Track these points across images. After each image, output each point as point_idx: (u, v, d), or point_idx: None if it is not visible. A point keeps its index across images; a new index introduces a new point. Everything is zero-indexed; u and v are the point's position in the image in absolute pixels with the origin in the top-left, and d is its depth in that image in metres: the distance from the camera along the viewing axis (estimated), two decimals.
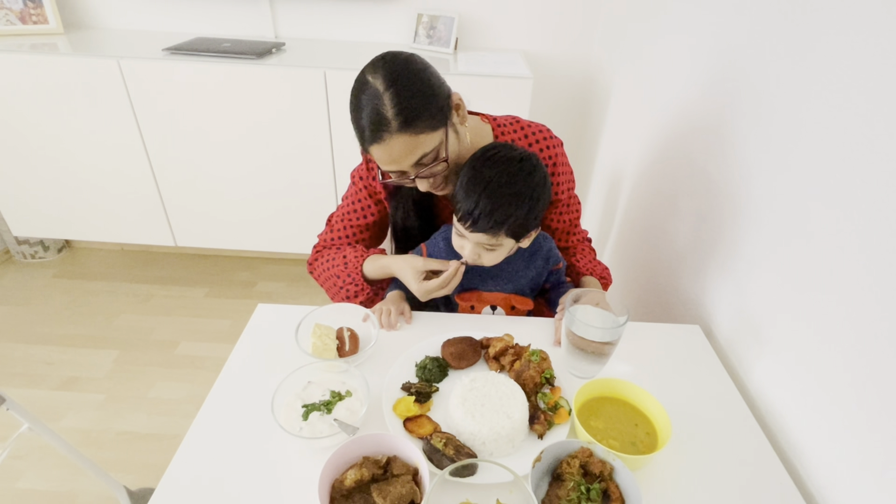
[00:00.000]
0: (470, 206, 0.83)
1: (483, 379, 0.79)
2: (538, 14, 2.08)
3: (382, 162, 0.83)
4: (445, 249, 0.98)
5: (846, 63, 0.71)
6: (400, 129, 0.78)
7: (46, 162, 2.00)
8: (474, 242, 0.87)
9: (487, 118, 1.02)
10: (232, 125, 1.91)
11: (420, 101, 0.79)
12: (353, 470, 0.64)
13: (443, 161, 0.85)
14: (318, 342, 0.85)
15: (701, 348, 0.96)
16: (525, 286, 1.01)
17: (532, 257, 0.99)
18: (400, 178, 0.87)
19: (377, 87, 0.78)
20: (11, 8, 1.93)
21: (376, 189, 1.04)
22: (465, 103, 0.90)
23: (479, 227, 0.84)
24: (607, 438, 0.72)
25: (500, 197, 0.82)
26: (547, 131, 1.03)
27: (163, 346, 2.00)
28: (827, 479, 0.71)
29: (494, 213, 0.82)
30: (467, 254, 0.89)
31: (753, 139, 0.92)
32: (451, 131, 0.86)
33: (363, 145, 0.83)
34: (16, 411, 1.05)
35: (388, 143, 0.79)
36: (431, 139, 0.82)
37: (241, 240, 2.24)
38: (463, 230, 0.87)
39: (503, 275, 0.99)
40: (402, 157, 0.81)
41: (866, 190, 0.66)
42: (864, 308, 0.66)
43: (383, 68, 0.80)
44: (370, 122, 0.79)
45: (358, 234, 1.10)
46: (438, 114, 0.82)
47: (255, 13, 2.11)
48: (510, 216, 0.83)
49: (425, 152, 0.82)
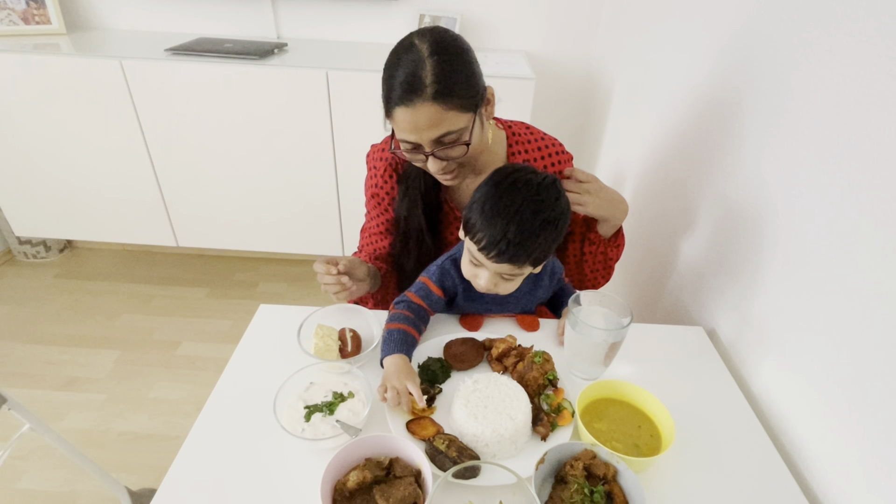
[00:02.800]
0: (496, 235, 0.75)
1: (486, 380, 0.78)
2: (540, 14, 2.08)
3: (403, 128, 0.80)
4: (458, 276, 0.92)
5: (851, 63, 0.71)
6: (434, 97, 0.76)
7: (48, 162, 2.00)
8: (493, 272, 0.81)
9: (501, 123, 1.01)
10: (234, 125, 1.91)
11: (460, 78, 0.78)
12: (356, 472, 0.64)
13: (464, 144, 0.83)
14: (321, 343, 0.85)
15: (705, 350, 0.96)
16: (532, 308, 1.00)
17: (538, 278, 0.96)
18: (413, 152, 0.84)
19: (422, 50, 0.77)
20: (14, 8, 1.94)
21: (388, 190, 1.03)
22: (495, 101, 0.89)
23: (506, 257, 0.77)
24: (611, 440, 0.72)
25: (530, 226, 0.76)
26: (560, 145, 1.02)
27: (164, 347, 2.00)
28: (832, 482, 0.71)
29: (525, 244, 0.76)
30: (483, 283, 0.82)
31: (759, 140, 0.92)
32: (479, 121, 0.84)
33: (388, 106, 0.80)
34: (17, 411, 1.05)
35: (417, 109, 0.77)
36: (459, 120, 0.80)
37: (242, 240, 2.24)
38: (483, 259, 0.79)
39: (510, 300, 0.95)
40: (425, 127, 0.78)
41: (872, 193, 0.66)
42: (869, 311, 0.65)
43: (432, 35, 0.78)
44: (405, 82, 0.76)
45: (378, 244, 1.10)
46: (473, 97, 0.81)
47: (258, 14, 2.11)
48: (538, 246, 0.77)
49: (450, 130, 0.80)
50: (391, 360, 0.80)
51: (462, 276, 0.91)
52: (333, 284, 0.91)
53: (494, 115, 1.01)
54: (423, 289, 0.92)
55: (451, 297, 0.95)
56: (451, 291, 0.94)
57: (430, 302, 0.91)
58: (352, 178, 2.03)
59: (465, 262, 0.86)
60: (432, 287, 0.92)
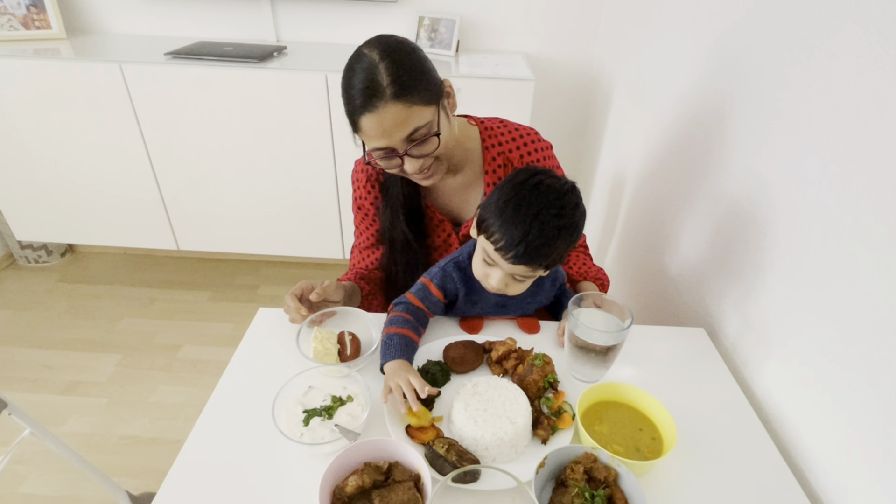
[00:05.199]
0: (516, 237, 0.75)
1: (486, 383, 0.78)
2: (539, 16, 2.08)
3: (373, 134, 0.81)
4: (459, 279, 0.92)
5: (851, 62, 0.70)
6: (394, 97, 0.77)
7: (49, 166, 2.00)
8: (507, 273, 0.81)
9: (474, 120, 1.01)
10: (234, 129, 1.91)
11: (414, 75, 0.79)
12: (355, 476, 0.64)
13: (435, 135, 0.83)
14: (320, 346, 0.84)
15: (706, 352, 0.95)
16: (532, 312, 1.00)
17: (541, 283, 0.95)
18: (388, 157, 0.84)
19: (373, 57, 0.79)
20: (14, 13, 1.94)
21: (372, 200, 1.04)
22: (455, 93, 0.90)
23: (524, 259, 0.77)
24: (611, 443, 0.72)
25: (550, 231, 0.75)
26: (535, 134, 1.01)
27: (165, 350, 2.00)
28: (835, 484, 0.70)
29: (543, 248, 0.76)
30: (494, 283, 0.82)
31: (759, 140, 0.92)
32: (443, 113, 0.85)
33: (353, 118, 0.81)
34: (18, 416, 1.05)
35: (381, 112, 0.78)
36: (424, 114, 0.81)
37: (243, 243, 2.24)
38: (498, 259, 0.79)
39: (511, 304, 0.95)
40: (393, 128, 0.79)
41: (875, 193, 0.66)
42: (872, 312, 0.65)
43: (378, 43, 0.80)
44: (364, 89, 0.78)
45: (368, 258, 1.11)
46: (432, 90, 0.82)
47: (257, 17, 2.11)
48: (555, 250, 0.78)
49: (418, 126, 0.81)
50: (392, 365, 0.79)
51: (464, 279, 0.91)
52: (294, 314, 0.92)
53: (468, 114, 1.02)
54: (423, 290, 0.92)
55: (451, 301, 0.95)
56: (451, 294, 0.93)
57: (428, 304, 0.91)
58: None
59: (477, 260, 0.86)
60: (432, 289, 0.91)
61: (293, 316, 0.92)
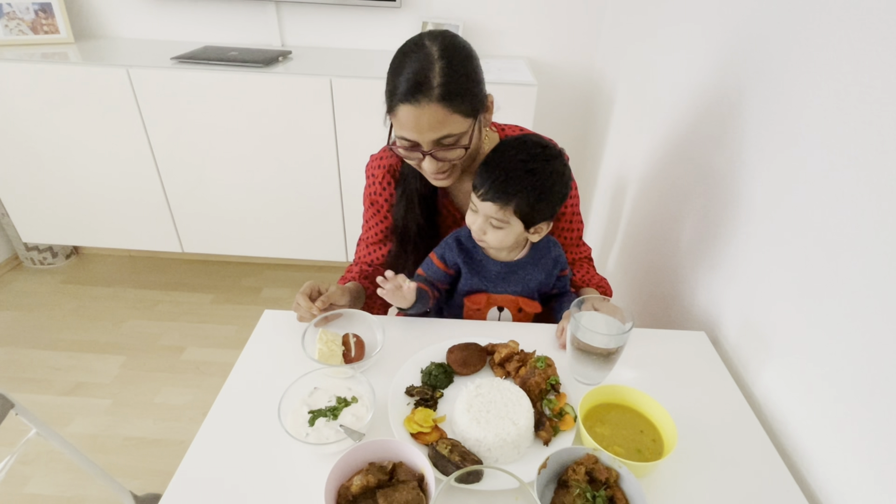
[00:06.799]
0: (485, 177, 0.85)
1: (488, 385, 0.79)
2: (542, 21, 2.10)
3: (405, 125, 0.81)
4: (458, 249, 0.98)
5: (853, 61, 0.71)
6: (440, 99, 0.78)
7: (56, 169, 2.02)
8: (484, 216, 0.88)
9: (495, 126, 1.03)
10: (239, 132, 1.93)
11: (466, 84, 0.80)
12: (359, 476, 0.65)
13: (462, 148, 0.85)
14: (325, 348, 0.85)
15: (707, 355, 0.96)
16: (533, 289, 1.02)
17: (541, 260, 1.00)
18: (410, 150, 0.85)
19: (433, 52, 0.79)
20: (23, 18, 1.97)
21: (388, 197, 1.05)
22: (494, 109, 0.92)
23: (490, 195, 0.85)
24: (613, 445, 0.72)
25: (514, 170, 0.84)
26: (552, 142, 1.03)
27: (169, 352, 2.01)
28: (835, 487, 0.70)
29: (507, 184, 0.84)
30: (475, 229, 0.91)
31: (760, 144, 0.93)
32: (477, 127, 0.87)
33: (392, 102, 0.81)
34: (24, 416, 1.06)
35: (422, 108, 0.78)
36: (460, 124, 0.82)
37: (247, 246, 2.25)
38: (476, 201, 0.88)
39: (512, 277, 0.99)
40: (428, 127, 0.80)
41: (875, 195, 0.66)
42: (872, 314, 0.65)
43: (443, 39, 0.81)
44: (412, 80, 0.78)
45: (374, 253, 1.12)
46: (475, 103, 0.83)
47: (262, 22, 2.13)
48: (521, 191, 0.84)
49: (451, 133, 0.82)
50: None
51: (462, 250, 0.98)
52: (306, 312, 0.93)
53: None
54: (427, 261, 1.02)
55: (455, 272, 0.99)
56: (451, 263, 0.99)
57: (430, 272, 1.01)
58: (355, 185, 2.04)
59: (468, 213, 0.93)
60: (434, 259, 1.00)
61: (303, 315, 0.93)
